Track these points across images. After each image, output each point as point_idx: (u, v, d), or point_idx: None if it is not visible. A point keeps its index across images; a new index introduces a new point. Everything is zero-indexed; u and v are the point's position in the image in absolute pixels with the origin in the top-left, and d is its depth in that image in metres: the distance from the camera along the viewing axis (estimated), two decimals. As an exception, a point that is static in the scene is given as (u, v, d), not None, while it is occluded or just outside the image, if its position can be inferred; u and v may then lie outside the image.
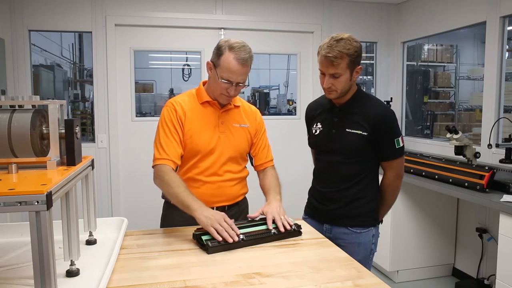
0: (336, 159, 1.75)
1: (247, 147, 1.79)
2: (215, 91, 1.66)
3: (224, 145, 1.69)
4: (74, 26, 3.48)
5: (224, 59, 1.59)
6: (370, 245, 1.80)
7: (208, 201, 1.63)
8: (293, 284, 1.15)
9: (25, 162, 1.16)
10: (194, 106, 1.70)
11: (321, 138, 1.81)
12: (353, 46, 1.62)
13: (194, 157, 1.67)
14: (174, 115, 1.66)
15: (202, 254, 1.37)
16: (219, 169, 1.70)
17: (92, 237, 1.42)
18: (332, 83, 1.66)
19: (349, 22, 4.04)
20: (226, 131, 1.71)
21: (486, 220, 3.01)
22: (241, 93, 1.82)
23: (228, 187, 1.73)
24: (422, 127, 5.02)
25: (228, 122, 1.72)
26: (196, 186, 1.68)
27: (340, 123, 1.75)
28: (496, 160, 2.89)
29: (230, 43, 1.60)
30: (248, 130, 1.77)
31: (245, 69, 1.61)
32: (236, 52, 1.58)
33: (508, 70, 3.09)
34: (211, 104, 1.71)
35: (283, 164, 3.79)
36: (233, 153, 1.72)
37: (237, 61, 1.57)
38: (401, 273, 3.27)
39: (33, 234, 0.88)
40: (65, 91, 6.27)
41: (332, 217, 1.78)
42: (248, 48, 1.62)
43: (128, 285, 1.14)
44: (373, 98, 1.85)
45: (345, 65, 1.62)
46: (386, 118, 1.71)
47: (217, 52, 1.62)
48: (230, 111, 1.75)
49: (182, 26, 3.66)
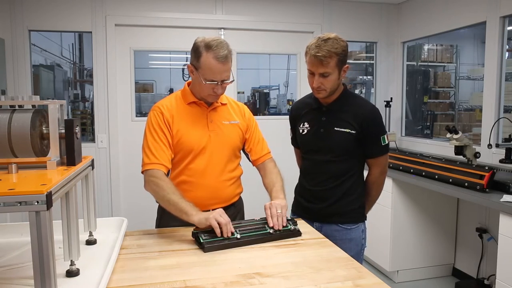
0: (325, 157, 1.78)
1: (240, 143, 1.77)
2: (202, 92, 1.64)
3: (215, 143, 1.67)
4: (74, 26, 3.48)
5: (204, 61, 1.55)
6: (361, 240, 1.83)
7: (204, 204, 1.62)
8: (293, 284, 1.15)
9: (25, 162, 1.16)
10: (181, 107, 1.68)
11: (309, 138, 1.83)
12: (341, 45, 1.66)
13: (186, 158, 1.65)
14: (161, 119, 1.63)
15: (202, 254, 1.37)
16: (213, 169, 1.67)
17: (92, 237, 1.42)
18: (321, 83, 1.69)
19: (349, 22, 4.04)
20: (216, 129, 1.69)
21: (486, 220, 3.01)
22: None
23: (224, 188, 1.70)
24: (422, 127, 5.02)
25: (217, 120, 1.71)
26: (190, 189, 1.65)
27: (328, 122, 1.77)
28: (496, 160, 2.89)
29: (206, 42, 1.55)
30: (238, 126, 1.76)
31: (226, 66, 1.58)
32: (214, 51, 1.54)
33: (508, 70, 3.09)
34: (198, 104, 1.69)
35: (283, 164, 3.78)
36: (226, 151, 1.70)
37: (217, 60, 1.54)
38: (401, 273, 3.27)
39: (33, 234, 0.88)
40: (65, 91, 6.27)
41: (322, 215, 1.80)
42: (225, 43, 1.58)
43: (128, 285, 1.14)
44: (359, 97, 1.93)
45: (334, 64, 1.66)
46: (374, 116, 1.77)
47: (195, 54, 1.58)
48: (217, 109, 1.73)
49: (182, 26, 3.66)
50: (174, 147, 1.64)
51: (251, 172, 1.89)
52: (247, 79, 5.59)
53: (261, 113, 5.27)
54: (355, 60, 4.92)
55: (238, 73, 3.87)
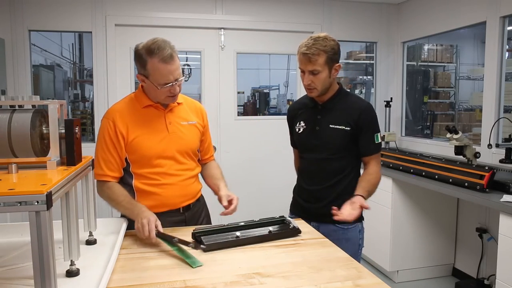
0: (321, 156, 1.79)
1: (198, 142, 1.78)
2: (159, 97, 1.61)
3: (176, 145, 1.68)
4: (74, 26, 3.48)
5: (151, 67, 1.53)
6: (358, 240, 1.83)
7: (174, 202, 1.68)
8: (293, 284, 1.15)
9: (25, 162, 1.16)
10: (136, 112, 1.65)
11: (305, 136, 1.85)
12: (330, 44, 1.69)
13: (149, 162, 1.64)
14: (112, 129, 1.61)
15: (202, 254, 1.37)
16: (178, 169, 1.68)
17: (92, 237, 1.42)
18: (311, 80, 1.71)
19: (349, 22, 4.04)
20: (176, 130, 1.69)
21: (486, 220, 3.01)
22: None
23: (189, 185, 1.73)
24: (422, 127, 5.03)
25: (175, 122, 1.70)
26: (159, 191, 1.65)
27: (323, 120, 1.79)
28: (496, 160, 2.89)
29: (146, 48, 1.53)
30: (196, 127, 1.77)
31: (175, 65, 1.55)
32: (157, 54, 1.51)
33: (508, 70, 3.09)
34: (155, 107, 1.67)
35: (283, 164, 3.80)
36: (187, 151, 1.72)
37: (164, 61, 1.52)
38: (401, 273, 3.27)
39: (33, 234, 0.88)
40: (65, 91, 6.27)
41: (319, 215, 1.80)
42: (165, 42, 1.56)
43: (128, 285, 1.14)
44: (354, 95, 1.94)
45: (323, 61, 1.68)
46: (369, 112, 1.79)
47: (140, 63, 1.56)
48: (174, 109, 1.72)
49: (182, 26, 3.66)
50: (134, 153, 1.63)
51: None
52: (247, 79, 5.59)
53: (261, 113, 5.27)
54: (355, 60, 4.92)
55: (238, 73, 3.87)
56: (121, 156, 1.63)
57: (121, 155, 1.63)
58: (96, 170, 1.61)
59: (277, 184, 3.79)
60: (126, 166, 1.66)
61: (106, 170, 1.62)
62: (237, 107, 3.95)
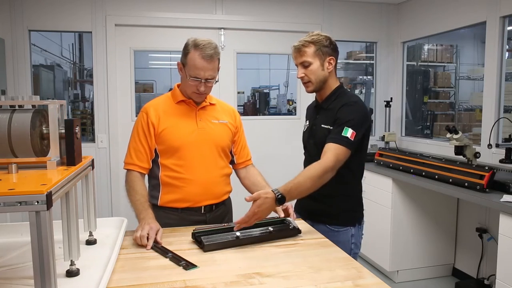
0: (314, 154, 1.77)
1: (229, 142, 1.81)
2: (187, 90, 1.70)
3: (205, 140, 1.71)
4: (74, 26, 3.48)
5: (190, 58, 1.63)
6: (350, 244, 1.77)
7: (196, 200, 1.69)
8: (293, 284, 1.15)
9: (25, 162, 1.16)
10: (170, 106, 1.74)
11: (304, 135, 1.90)
12: (319, 37, 1.72)
13: (176, 154, 1.69)
14: (145, 120, 1.70)
15: (202, 254, 1.37)
16: (203, 165, 1.70)
17: (92, 237, 1.42)
18: (304, 73, 1.73)
19: (349, 22, 4.04)
20: (205, 126, 1.74)
21: (486, 220, 3.01)
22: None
23: (214, 185, 1.74)
24: (422, 127, 5.02)
25: (206, 119, 1.76)
26: (182, 185, 1.69)
27: (319, 119, 1.81)
28: (496, 160, 2.89)
29: (195, 42, 1.64)
30: (227, 126, 1.80)
31: (211, 65, 1.64)
32: (201, 49, 1.61)
33: (508, 70, 3.10)
34: (187, 103, 1.74)
35: (283, 164, 3.81)
36: (215, 148, 1.74)
37: (202, 58, 1.61)
38: (401, 273, 3.27)
39: (33, 234, 0.88)
40: (65, 91, 6.27)
41: (312, 214, 1.81)
42: (213, 44, 1.66)
43: (128, 285, 1.14)
44: (351, 94, 1.85)
45: (312, 52, 1.70)
46: (349, 106, 1.68)
47: (184, 52, 1.67)
48: (206, 108, 1.78)
49: (182, 26, 3.66)
50: (163, 143, 1.69)
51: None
52: (247, 79, 5.58)
53: (261, 113, 5.27)
54: (355, 60, 4.92)
55: (238, 73, 3.87)
56: (151, 147, 1.70)
57: (151, 146, 1.70)
58: (126, 159, 1.71)
59: (277, 184, 3.77)
60: (155, 157, 1.72)
61: (135, 160, 1.69)
62: (237, 107, 3.95)
